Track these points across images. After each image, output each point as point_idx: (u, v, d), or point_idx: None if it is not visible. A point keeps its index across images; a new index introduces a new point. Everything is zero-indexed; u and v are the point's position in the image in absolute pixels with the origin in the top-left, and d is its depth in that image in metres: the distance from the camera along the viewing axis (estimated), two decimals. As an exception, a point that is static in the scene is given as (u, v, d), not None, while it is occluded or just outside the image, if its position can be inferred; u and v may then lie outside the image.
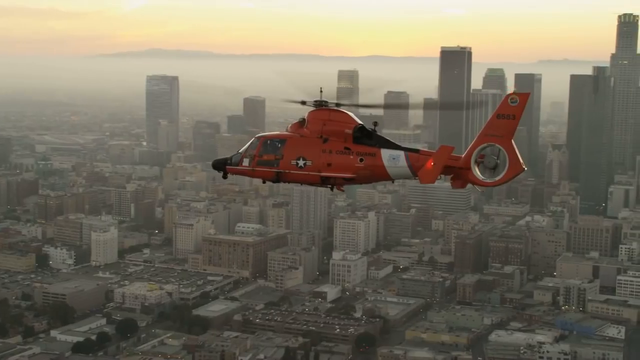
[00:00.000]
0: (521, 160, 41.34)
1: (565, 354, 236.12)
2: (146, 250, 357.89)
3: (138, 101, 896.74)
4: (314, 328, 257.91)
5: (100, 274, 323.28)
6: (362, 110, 50.17)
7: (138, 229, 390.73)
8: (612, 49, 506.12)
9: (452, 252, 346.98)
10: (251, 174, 47.87)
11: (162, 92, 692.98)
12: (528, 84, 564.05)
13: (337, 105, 47.04)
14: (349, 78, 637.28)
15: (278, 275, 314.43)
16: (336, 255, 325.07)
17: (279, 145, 46.53)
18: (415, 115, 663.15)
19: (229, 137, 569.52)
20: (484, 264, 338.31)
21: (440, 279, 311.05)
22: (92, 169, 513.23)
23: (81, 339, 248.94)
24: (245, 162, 47.47)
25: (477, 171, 42.05)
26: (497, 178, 41.80)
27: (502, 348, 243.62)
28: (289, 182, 47.46)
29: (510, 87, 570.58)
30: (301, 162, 45.60)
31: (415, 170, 44.09)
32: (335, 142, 45.28)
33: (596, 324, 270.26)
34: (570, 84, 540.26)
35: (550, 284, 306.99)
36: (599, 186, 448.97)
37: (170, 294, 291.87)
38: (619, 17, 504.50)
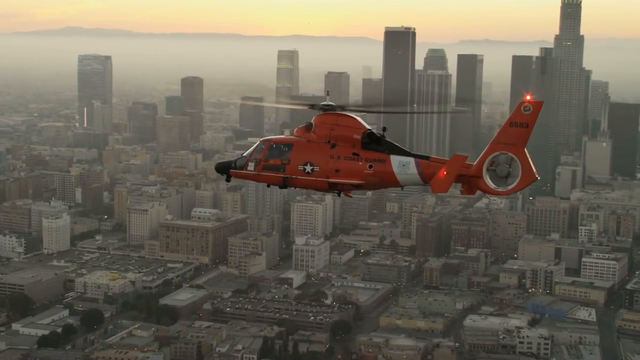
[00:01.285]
0: (534, 169, 41.18)
1: (545, 338, 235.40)
2: (98, 237, 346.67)
3: (64, 81, 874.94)
4: (287, 316, 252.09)
5: (55, 263, 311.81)
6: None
7: (86, 215, 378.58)
8: (556, 30, 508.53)
9: (413, 236, 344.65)
10: (256, 178, 46.99)
11: (95, 72, 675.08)
12: (470, 64, 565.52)
13: (344, 109, 46.10)
14: (288, 58, 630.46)
15: (241, 261, 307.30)
16: (299, 240, 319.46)
17: (286, 149, 45.79)
18: (355, 96, 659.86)
19: (170, 118, 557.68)
20: (446, 247, 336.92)
21: (406, 263, 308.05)
22: (29, 152, 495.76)
23: (46, 332, 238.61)
24: (251, 166, 46.76)
25: (488, 179, 41.60)
26: (510, 187, 41.54)
27: (480, 333, 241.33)
28: (295, 187, 46.73)
29: (451, 68, 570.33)
30: (308, 168, 45.03)
31: (425, 177, 43.73)
32: (344, 147, 44.72)
33: (566, 306, 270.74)
34: (513, 65, 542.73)
35: (515, 267, 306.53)
36: (546, 167, 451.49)
37: (133, 282, 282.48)
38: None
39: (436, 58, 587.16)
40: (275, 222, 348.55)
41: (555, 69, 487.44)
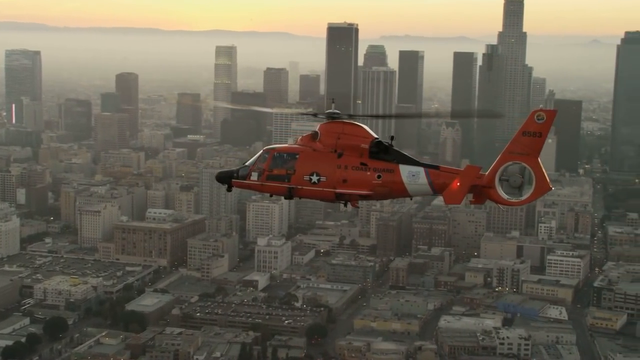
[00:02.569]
0: (548, 180, 40.49)
1: (526, 339, 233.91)
2: (48, 240, 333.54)
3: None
4: (260, 321, 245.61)
5: (7, 268, 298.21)
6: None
7: (31, 217, 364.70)
8: (500, 27, 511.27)
9: (372, 235, 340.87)
10: (260, 188, 45.80)
11: (24, 67, 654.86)
12: (412, 61, 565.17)
13: (350, 117, 45.02)
14: (227, 54, 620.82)
15: (204, 263, 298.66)
16: (261, 241, 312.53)
17: (291, 159, 44.64)
18: (293, 92, 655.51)
19: (108, 115, 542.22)
20: (407, 247, 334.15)
21: (371, 264, 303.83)
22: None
23: (10, 342, 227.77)
24: (254, 176, 45.42)
25: (501, 190, 40.81)
26: (523, 197, 40.82)
27: (458, 335, 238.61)
28: (301, 197, 45.40)
29: (392, 64, 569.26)
30: (315, 178, 43.92)
31: (435, 188, 42.86)
32: (351, 157, 43.65)
33: (537, 305, 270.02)
34: (454, 62, 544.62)
35: (480, 265, 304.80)
36: (491, 164, 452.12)
37: (95, 288, 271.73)
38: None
39: (376, 54, 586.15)
40: (234, 223, 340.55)
41: (501, 65, 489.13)
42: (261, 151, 46.10)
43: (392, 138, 44.80)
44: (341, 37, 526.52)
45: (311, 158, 44.29)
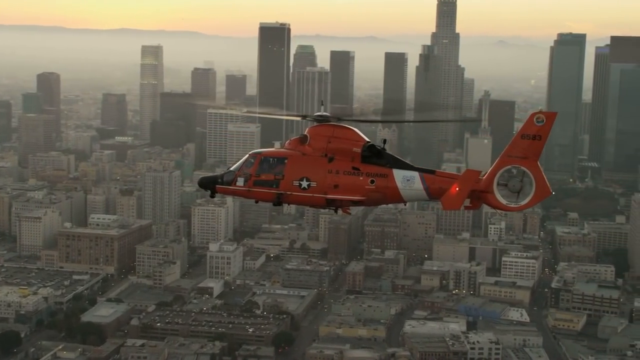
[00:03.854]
0: (548, 184, 39.64)
1: (496, 343, 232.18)
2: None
3: None
4: (223, 330, 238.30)
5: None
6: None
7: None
8: (433, 27, 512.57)
9: (321, 238, 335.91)
10: (247, 194, 44.00)
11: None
12: (343, 61, 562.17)
13: (339, 119, 43.52)
14: (153, 54, 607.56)
15: (155, 271, 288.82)
16: (213, 247, 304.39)
17: (279, 164, 43.16)
18: (220, 92, 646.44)
19: (33, 117, 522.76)
20: (357, 250, 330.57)
21: (327, 268, 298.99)
22: None
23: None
24: (240, 181, 43.81)
25: (499, 195, 39.78)
26: (523, 202, 39.77)
27: (427, 340, 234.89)
28: (290, 204, 44.38)
29: (322, 63, 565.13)
30: (305, 183, 42.49)
31: (431, 193, 41.65)
32: (342, 161, 42.32)
33: (498, 307, 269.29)
34: (386, 62, 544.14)
35: (435, 268, 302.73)
36: (430, 164, 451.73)
37: (46, 298, 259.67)
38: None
39: (305, 54, 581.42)
40: (181, 228, 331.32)
41: (437, 66, 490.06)
42: (247, 155, 44.41)
43: (384, 141, 43.39)
44: (273, 36, 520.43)
45: (300, 163, 42.70)
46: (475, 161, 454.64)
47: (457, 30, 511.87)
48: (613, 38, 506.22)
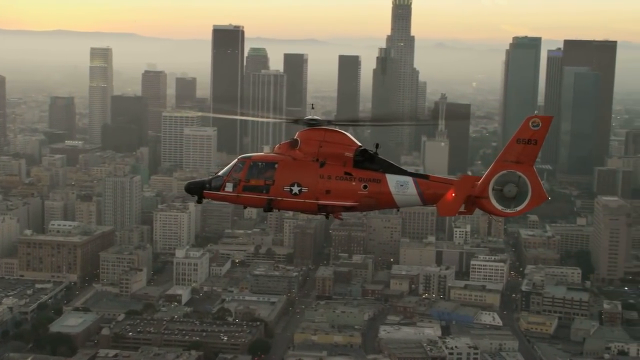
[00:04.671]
0: (544, 189, 39.63)
1: (475, 348, 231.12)
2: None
3: None
4: (197, 338, 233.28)
5: None
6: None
7: None
8: (389, 30, 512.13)
9: (286, 243, 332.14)
10: (235, 200, 43.36)
11: None
12: (297, 64, 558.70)
13: (330, 123, 43.34)
14: (102, 56, 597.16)
15: (122, 278, 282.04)
16: (179, 253, 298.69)
17: (269, 168, 42.48)
18: (170, 96, 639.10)
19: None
20: (323, 254, 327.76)
21: (295, 274, 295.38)
22: None
23: None
24: (229, 187, 43.08)
25: (494, 200, 39.31)
26: (519, 208, 39.38)
27: (405, 346, 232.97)
28: (280, 210, 43.41)
29: (276, 66, 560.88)
30: (296, 189, 41.79)
31: (425, 198, 41.16)
32: (334, 166, 41.71)
33: (470, 312, 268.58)
34: (339, 65, 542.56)
35: (404, 272, 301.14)
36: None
37: (11, 308, 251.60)
38: (394, 0, 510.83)
39: (257, 57, 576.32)
40: (145, 234, 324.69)
41: (394, 69, 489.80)
42: (235, 160, 43.76)
43: (377, 146, 42.70)
44: (227, 39, 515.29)
45: (291, 167, 42.05)
46: (432, 164, 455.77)
47: (413, 33, 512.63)
48: (566, 42, 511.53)
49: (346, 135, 42.52)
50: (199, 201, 45.88)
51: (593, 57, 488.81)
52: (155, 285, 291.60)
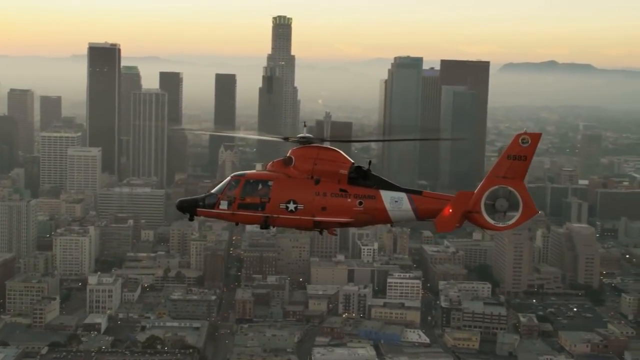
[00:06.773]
0: (534, 204, 40.71)
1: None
2: None
3: None
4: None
5: None
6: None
7: None
8: (269, 49, 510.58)
9: (194, 265, 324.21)
10: (231, 218, 43.54)
11: None
12: (172, 82, 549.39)
13: (323, 140, 44.06)
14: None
15: (35, 308, 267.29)
16: (92, 280, 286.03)
17: (264, 186, 42.93)
18: (66, 108, 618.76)
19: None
20: (234, 276, 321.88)
21: (214, 297, 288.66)
22: None
23: None
24: (223, 205, 43.30)
25: (486, 215, 40.71)
26: (510, 222, 40.83)
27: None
28: (276, 227, 43.99)
29: (151, 84, 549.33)
30: (292, 206, 42.37)
31: (419, 214, 42.33)
32: (329, 183, 42.43)
33: (397, 330, 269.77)
34: (216, 83, 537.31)
35: (320, 292, 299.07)
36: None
37: None
38: (274, 18, 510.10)
39: (130, 75, 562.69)
40: (49, 261, 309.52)
41: (278, 87, 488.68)
42: (229, 178, 43.84)
43: (369, 163, 43.20)
44: (103, 58, 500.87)
45: (287, 185, 42.44)
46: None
47: (293, 52, 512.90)
48: (443, 62, 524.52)
49: (339, 153, 42.79)
50: (191, 219, 45.29)
51: (468, 76, 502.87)
52: (68, 314, 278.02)
